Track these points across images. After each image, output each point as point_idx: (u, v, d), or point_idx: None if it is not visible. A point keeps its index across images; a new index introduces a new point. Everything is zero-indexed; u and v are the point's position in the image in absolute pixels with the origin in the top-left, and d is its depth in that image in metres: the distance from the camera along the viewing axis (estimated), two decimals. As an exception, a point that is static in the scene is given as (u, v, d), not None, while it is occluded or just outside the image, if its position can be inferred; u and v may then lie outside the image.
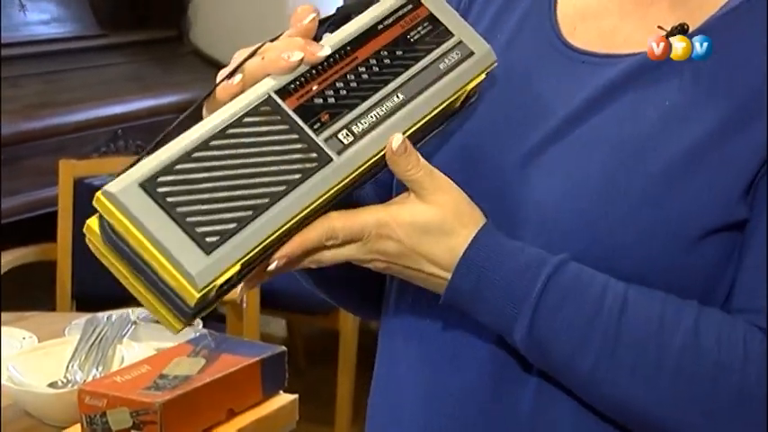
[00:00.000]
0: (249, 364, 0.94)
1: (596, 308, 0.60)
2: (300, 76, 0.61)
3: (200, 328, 1.28)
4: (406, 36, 0.64)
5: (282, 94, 0.60)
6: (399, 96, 0.62)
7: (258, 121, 0.59)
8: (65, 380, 1.03)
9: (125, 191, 0.56)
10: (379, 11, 0.64)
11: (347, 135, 0.60)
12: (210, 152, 0.58)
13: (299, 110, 0.60)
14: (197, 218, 0.56)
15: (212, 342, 0.98)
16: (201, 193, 0.57)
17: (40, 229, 2.00)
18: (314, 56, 0.60)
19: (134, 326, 1.19)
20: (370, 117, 0.61)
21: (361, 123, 0.61)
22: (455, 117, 0.66)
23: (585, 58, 0.66)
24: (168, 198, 0.56)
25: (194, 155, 0.57)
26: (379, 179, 0.72)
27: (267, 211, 0.57)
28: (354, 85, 0.62)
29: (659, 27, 0.63)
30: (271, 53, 0.60)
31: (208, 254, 0.56)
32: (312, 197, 0.59)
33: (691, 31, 0.63)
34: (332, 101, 0.61)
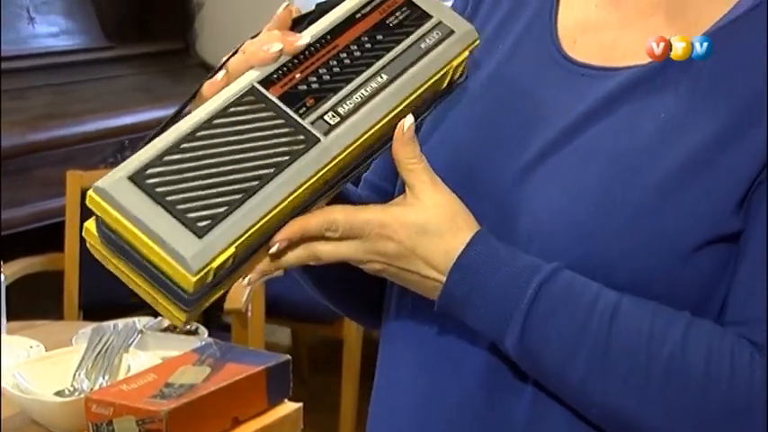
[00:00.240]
0: (254, 373, 0.95)
1: (587, 316, 0.60)
2: (283, 65, 0.62)
3: (205, 337, 1.29)
4: (385, 21, 0.65)
5: (266, 83, 0.61)
6: (383, 77, 0.63)
7: (243, 110, 0.60)
8: (72, 388, 1.04)
9: (115, 185, 0.57)
10: (356, 1, 0.65)
11: (333, 116, 0.61)
12: (198, 142, 0.59)
13: (283, 97, 0.61)
14: (187, 204, 0.57)
15: (217, 351, 0.98)
16: (191, 181, 0.58)
17: (47, 239, 2.01)
18: (292, 45, 0.62)
19: (140, 335, 1.20)
20: (356, 98, 0.62)
21: (346, 104, 0.62)
22: (442, 99, 0.67)
23: (585, 70, 0.67)
24: (158, 188, 0.57)
25: (182, 146, 0.59)
26: (379, 187, 0.73)
27: (257, 193, 0.58)
28: (337, 71, 0.63)
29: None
30: (251, 47, 0.62)
31: (200, 237, 0.56)
32: (303, 177, 0.59)
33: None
34: (315, 86, 0.62)
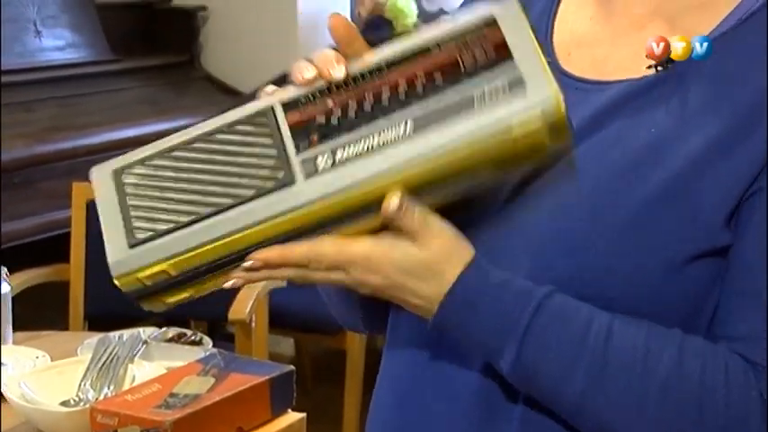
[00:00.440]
0: (258, 383, 0.95)
1: (584, 333, 0.60)
2: (318, 90, 0.56)
3: (209, 347, 1.29)
4: (457, 60, 0.54)
5: (289, 106, 0.57)
6: (408, 126, 0.53)
7: (247, 130, 0.57)
8: (77, 398, 1.05)
9: (99, 172, 0.60)
10: (445, 28, 0.55)
11: (327, 160, 0.54)
12: (189, 153, 0.58)
13: (295, 126, 0.56)
14: (140, 212, 0.58)
15: (222, 361, 0.99)
16: (158, 191, 0.58)
17: (53, 250, 2.02)
18: (328, 75, 0.56)
19: (145, 345, 1.20)
20: (363, 145, 0.54)
21: (349, 149, 0.54)
22: (511, 172, 0.56)
23: (578, 84, 0.67)
24: (128, 188, 0.58)
25: (174, 153, 0.58)
26: None
27: (203, 221, 0.56)
28: (367, 109, 0.54)
29: (648, 56, 0.63)
30: (303, 62, 0.58)
31: (130, 247, 0.57)
32: (254, 217, 0.55)
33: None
34: (334, 121, 0.55)
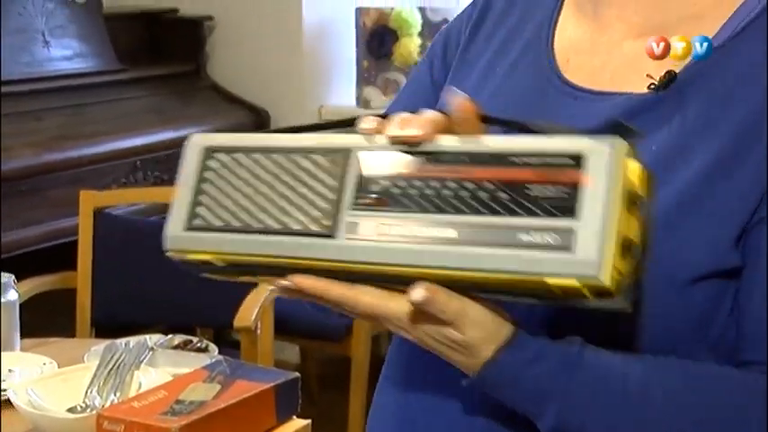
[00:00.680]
0: (263, 390, 0.95)
1: (621, 392, 0.59)
2: (402, 150, 0.57)
3: (215, 354, 1.30)
4: (528, 185, 0.53)
5: (368, 157, 0.58)
6: (452, 233, 0.54)
7: (320, 163, 0.59)
8: (83, 405, 1.05)
9: (195, 140, 0.64)
10: (534, 145, 0.55)
11: (371, 228, 0.56)
12: (266, 161, 0.61)
13: (364, 178, 0.57)
14: (207, 200, 0.62)
15: (227, 368, 0.99)
16: (229, 187, 0.61)
17: (60, 257, 2.03)
18: (406, 138, 0.56)
19: (151, 352, 1.21)
20: (407, 229, 0.55)
21: (393, 227, 0.56)
22: (545, 301, 0.56)
23: (578, 94, 0.67)
24: (207, 172, 0.62)
25: (254, 155, 0.61)
26: None
27: (250, 234, 0.60)
28: (428, 193, 0.56)
29: (648, 76, 0.63)
30: (398, 117, 0.58)
31: (186, 229, 0.62)
32: (290, 252, 0.58)
33: (678, 72, 0.64)
34: (395, 191, 0.56)
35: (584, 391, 0.60)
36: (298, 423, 1.01)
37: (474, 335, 0.58)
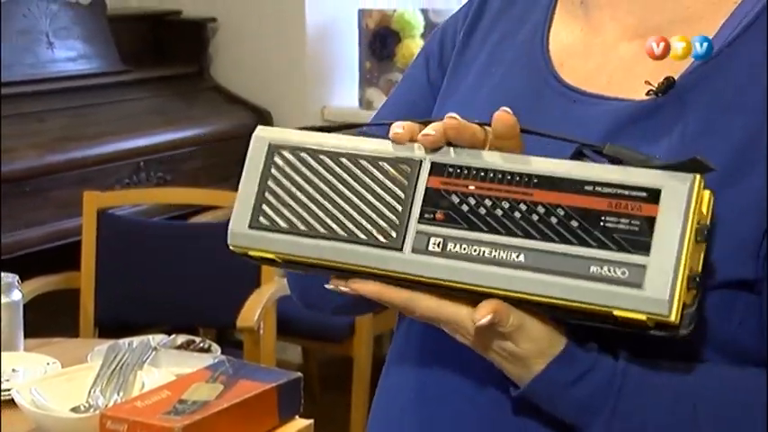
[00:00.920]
0: (266, 390, 0.96)
1: (669, 406, 0.59)
2: (467, 167, 0.57)
3: (218, 354, 1.31)
4: (601, 215, 0.53)
5: (437, 169, 0.57)
6: (520, 258, 0.54)
7: (388, 171, 0.59)
8: (87, 404, 1.06)
9: (261, 134, 0.63)
10: (612, 171, 0.54)
11: (438, 245, 0.56)
12: (332, 164, 0.60)
13: (431, 191, 0.57)
14: (272, 199, 0.61)
15: (230, 368, 1.00)
16: (294, 187, 0.61)
17: (64, 258, 2.04)
18: (420, 137, 0.56)
19: (154, 352, 1.22)
20: (474, 248, 0.55)
21: (461, 245, 0.56)
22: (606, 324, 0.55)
23: (576, 96, 0.66)
24: (273, 169, 0.61)
25: (321, 156, 0.61)
26: None
27: (315, 239, 0.59)
28: (498, 213, 0.55)
29: (647, 82, 0.63)
30: (455, 122, 0.57)
31: (249, 227, 0.61)
32: (355, 260, 0.58)
33: (677, 78, 0.63)
34: (464, 208, 0.56)
35: (631, 406, 0.59)
36: (300, 423, 1.01)
37: (529, 348, 0.58)
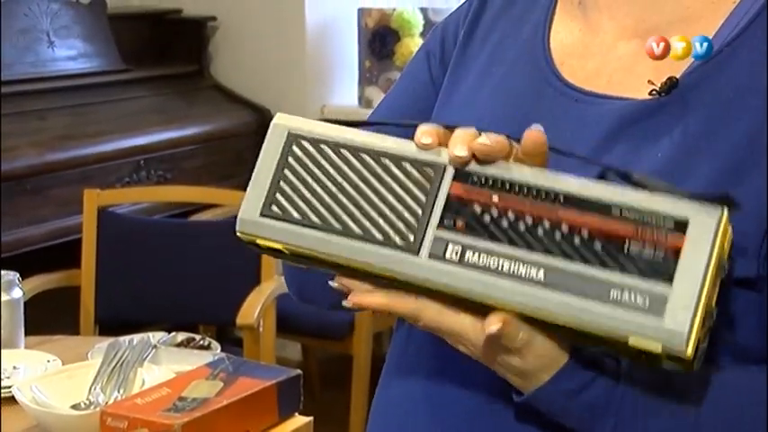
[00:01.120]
0: (265, 387, 0.96)
1: (674, 410, 0.58)
2: (489, 178, 0.56)
3: (217, 351, 1.31)
4: (625, 241, 0.52)
5: (460, 176, 0.56)
6: (539, 275, 0.53)
7: (411, 173, 0.57)
8: (87, 402, 1.06)
9: (279, 121, 0.61)
10: (639, 197, 0.53)
11: (456, 253, 0.55)
12: (353, 159, 0.58)
13: (453, 198, 0.56)
14: (286, 188, 0.59)
15: (230, 365, 1.00)
16: (311, 178, 0.59)
17: (64, 255, 2.04)
18: (449, 152, 0.55)
19: (154, 350, 1.22)
20: (492, 261, 0.54)
21: (479, 256, 0.54)
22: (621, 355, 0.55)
23: (579, 96, 0.66)
24: (290, 158, 0.59)
25: (342, 150, 0.58)
26: None
27: (328, 234, 0.58)
28: (520, 227, 0.54)
29: (650, 82, 0.62)
30: (483, 140, 0.56)
31: (260, 215, 0.59)
32: (368, 259, 0.56)
33: (679, 77, 0.62)
34: (486, 219, 0.55)
35: (634, 412, 0.59)
36: (299, 420, 1.02)
37: (534, 363, 0.58)
